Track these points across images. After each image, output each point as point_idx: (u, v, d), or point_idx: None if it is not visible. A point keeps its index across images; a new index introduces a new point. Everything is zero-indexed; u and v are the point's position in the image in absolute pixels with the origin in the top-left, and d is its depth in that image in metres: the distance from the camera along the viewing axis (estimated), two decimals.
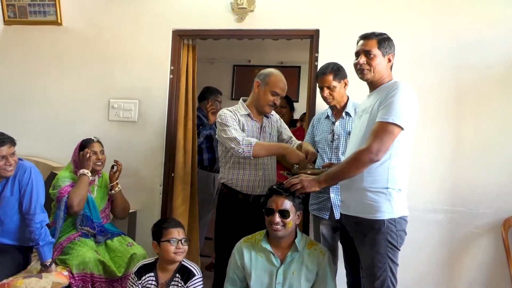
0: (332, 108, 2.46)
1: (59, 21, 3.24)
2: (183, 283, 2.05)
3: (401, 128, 1.76)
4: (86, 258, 2.28)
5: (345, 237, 2.03)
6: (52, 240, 2.26)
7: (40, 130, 3.27)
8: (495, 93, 2.69)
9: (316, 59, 2.87)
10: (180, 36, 3.11)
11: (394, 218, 1.80)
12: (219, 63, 4.98)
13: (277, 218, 1.97)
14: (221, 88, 3.71)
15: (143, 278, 2.07)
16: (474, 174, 2.68)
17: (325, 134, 2.45)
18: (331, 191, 2.32)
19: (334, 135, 2.40)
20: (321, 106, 2.68)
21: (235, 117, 2.39)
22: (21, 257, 2.33)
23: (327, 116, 2.48)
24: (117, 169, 2.64)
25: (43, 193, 2.32)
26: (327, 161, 2.35)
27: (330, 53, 2.77)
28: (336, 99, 2.39)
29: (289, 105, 3.58)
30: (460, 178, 2.70)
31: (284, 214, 1.97)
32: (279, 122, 2.62)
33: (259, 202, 2.24)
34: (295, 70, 4.81)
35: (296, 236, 2.05)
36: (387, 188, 1.80)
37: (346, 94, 2.44)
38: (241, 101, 2.51)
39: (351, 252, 2.00)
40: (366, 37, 1.91)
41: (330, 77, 2.34)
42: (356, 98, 2.41)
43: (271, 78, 2.40)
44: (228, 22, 3.02)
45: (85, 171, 2.45)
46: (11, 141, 2.23)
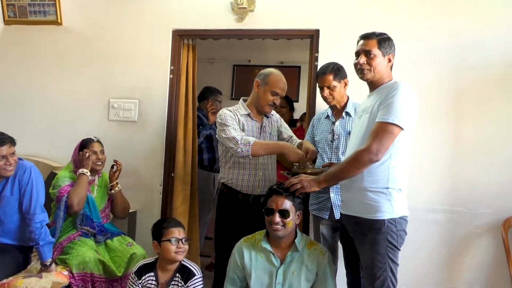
0: (332, 108, 2.46)
1: (59, 21, 3.24)
2: (183, 283, 2.06)
3: (401, 128, 1.76)
4: (86, 258, 2.28)
5: (345, 237, 2.03)
6: (52, 240, 2.26)
7: (40, 130, 3.27)
8: (495, 93, 2.69)
9: (316, 59, 2.87)
10: (180, 36, 3.11)
11: (395, 218, 1.80)
12: (219, 63, 4.98)
13: (277, 218, 1.97)
14: (221, 88, 3.70)
15: (143, 278, 2.07)
16: (474, 174, 2.68)
17: (325, 134, 2.45)
18: (331, 191, 2.32)
19: (334, 135, 2.40)
20: (321, 106, 2.68)
21: (235, 117, 2.39)
22: (21, 257, 2.34)
23: (327, 116, 2.47)
24: (117, 169, 2.64)
25: (43, 193, 2.32)
26: (327, 161, 2.36)
27: (330, 53, 2.77)
28: (336, 99, 2.39)
29: (289, 105, 3.58)
30: (460, 178, 2.70)
31: (284, 214, 1.97)
32: (280, 122, 2.61)
33: (259, 202, 2.24)
34: (295, 70, 4.81)
35: (296, 236, 2.05)
36: (387, 188, 1.80)
37: (346, 94, 2.44)
38: (241, 101, 2.51)
39: (351, 252, 2.00)
40: (366, 37, 1.91)
41: (330, 77, 2.34)
42: (356, 98, 2.41)
43: (271, 78, 2.40)
44: (228, 22, 3.02)
45: (84, 171, 2.45)
46: (11, 141, 2.23)
